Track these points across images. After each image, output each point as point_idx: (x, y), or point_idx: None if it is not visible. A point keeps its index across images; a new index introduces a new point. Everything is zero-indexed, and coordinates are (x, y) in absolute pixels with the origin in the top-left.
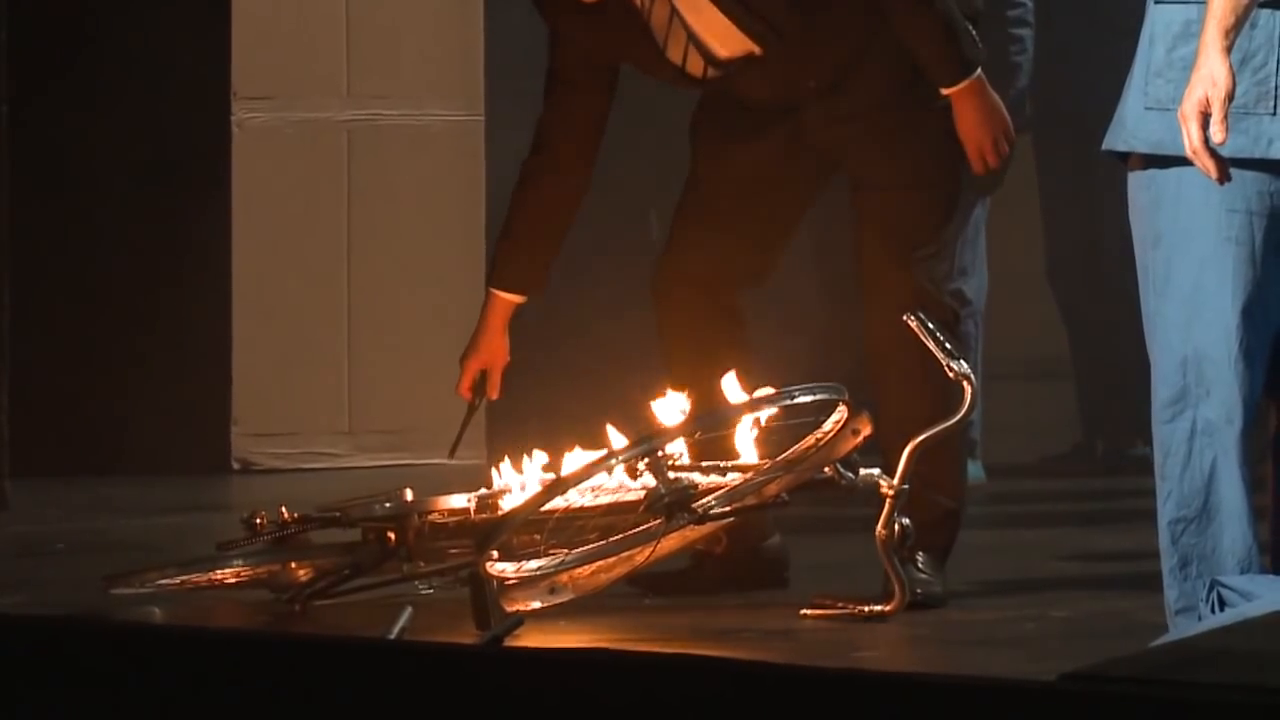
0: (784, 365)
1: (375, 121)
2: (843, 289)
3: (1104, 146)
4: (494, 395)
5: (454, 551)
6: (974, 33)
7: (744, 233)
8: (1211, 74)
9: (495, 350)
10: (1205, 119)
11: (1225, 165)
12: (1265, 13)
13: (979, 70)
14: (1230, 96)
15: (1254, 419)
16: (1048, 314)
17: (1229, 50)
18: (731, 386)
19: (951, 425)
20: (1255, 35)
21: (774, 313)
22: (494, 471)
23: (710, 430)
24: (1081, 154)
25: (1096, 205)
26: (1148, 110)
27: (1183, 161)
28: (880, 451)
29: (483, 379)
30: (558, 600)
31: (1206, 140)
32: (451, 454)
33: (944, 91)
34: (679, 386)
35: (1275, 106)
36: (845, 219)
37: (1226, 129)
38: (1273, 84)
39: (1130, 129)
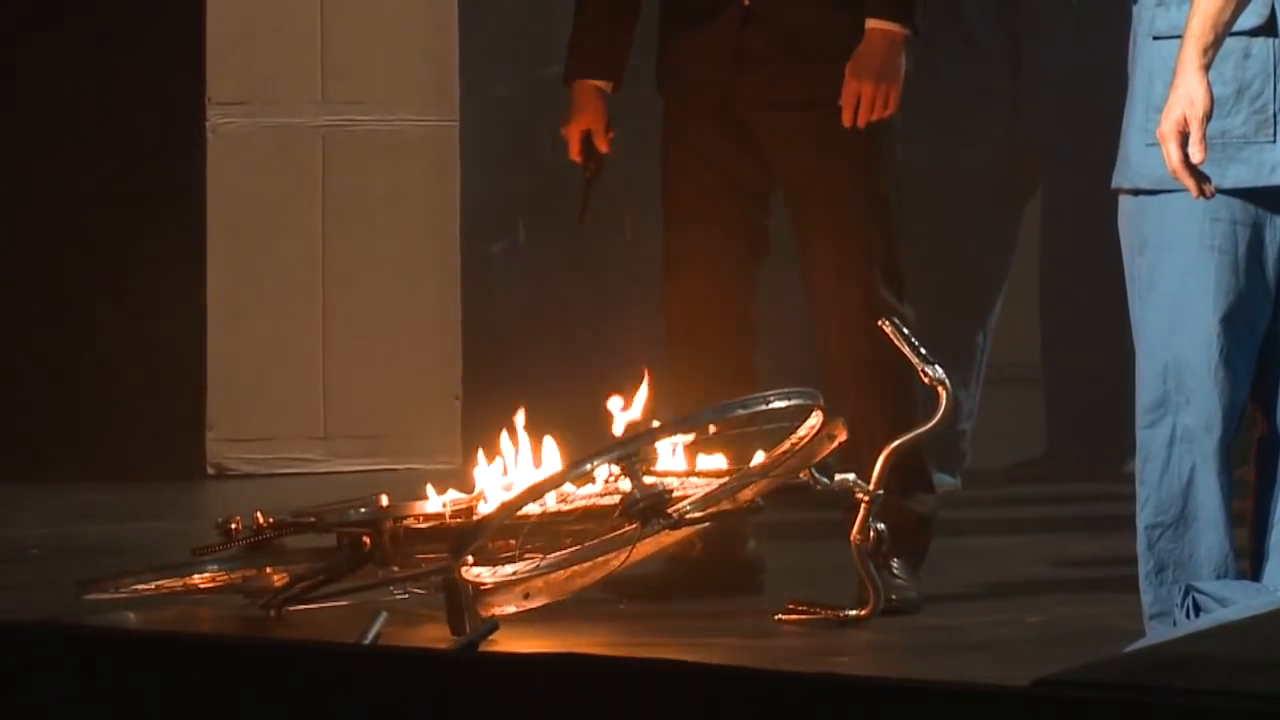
0: (765, 366)
1: (349, 127)
2: None
3: (1113, 185)
4: (603, 148)
5: (429, 556)
6: (923, 17)
7: (728, 214)
8: (1189, 93)
9: (595, 114)
10: (1185, 138)
11: (1207, 181)
12: (1260, 41)
13: (908, 32)
14: (1209, 115)
15: (1237, 426)
16: (1021, 320)
17: (1207, 69)
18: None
19: (929, 429)
20: (1250, 65)
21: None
22: (472, 474)
23: (686, 434)
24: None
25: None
26: (1149, 147)
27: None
28: (846, 460)
29: (589, 144)
30: (533, 605)
31: (1186, 158)
32: (580, 219)
33: (869, 23)
34: (682, 394)
35: (1275, 134)
36: None
37: (1205, 148)
38: (1271, 111)
39: (1134, 165)
